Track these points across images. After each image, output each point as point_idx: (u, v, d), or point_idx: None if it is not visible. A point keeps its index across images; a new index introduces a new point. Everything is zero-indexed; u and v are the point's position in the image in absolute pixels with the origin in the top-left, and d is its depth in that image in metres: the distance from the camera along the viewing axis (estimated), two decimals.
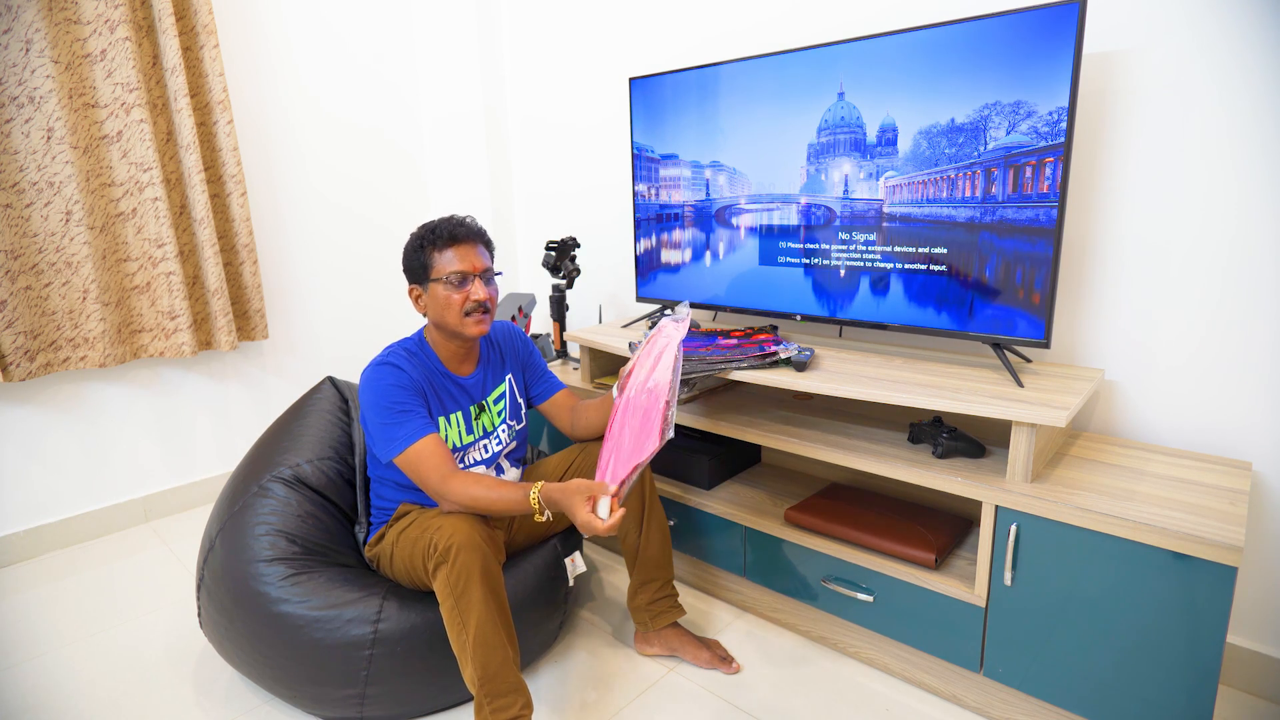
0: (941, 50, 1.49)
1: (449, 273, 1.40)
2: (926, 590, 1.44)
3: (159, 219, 2.19)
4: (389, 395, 1.39)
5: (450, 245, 1.41)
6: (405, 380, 1.41)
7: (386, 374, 1.41)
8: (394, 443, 1.36)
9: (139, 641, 1.73)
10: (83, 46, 2.05)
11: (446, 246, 1.41)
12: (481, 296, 1.42)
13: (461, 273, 1.41)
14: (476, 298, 1.42)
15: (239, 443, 2.58)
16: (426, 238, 1.43)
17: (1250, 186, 1.37)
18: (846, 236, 1.72)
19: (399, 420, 1.37)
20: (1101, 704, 1.26)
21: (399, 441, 1.36)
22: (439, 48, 2.86)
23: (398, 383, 1.40)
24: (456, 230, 1.42)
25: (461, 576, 1.24)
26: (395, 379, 1.41)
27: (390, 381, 1.40)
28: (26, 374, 2.03)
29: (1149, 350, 1.53)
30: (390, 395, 1.39)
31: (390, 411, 1.38)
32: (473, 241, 1.44)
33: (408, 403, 1.39)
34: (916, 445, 1.57)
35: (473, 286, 1.42)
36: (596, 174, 2.65)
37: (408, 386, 1.41)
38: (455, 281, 1.41)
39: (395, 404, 1.38)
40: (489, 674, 1.25)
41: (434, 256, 1.42)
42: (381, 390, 1.39)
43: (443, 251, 1.41)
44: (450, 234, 1.42)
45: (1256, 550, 1.44)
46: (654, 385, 1.37)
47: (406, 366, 1.44)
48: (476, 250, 1.44)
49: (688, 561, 1.90)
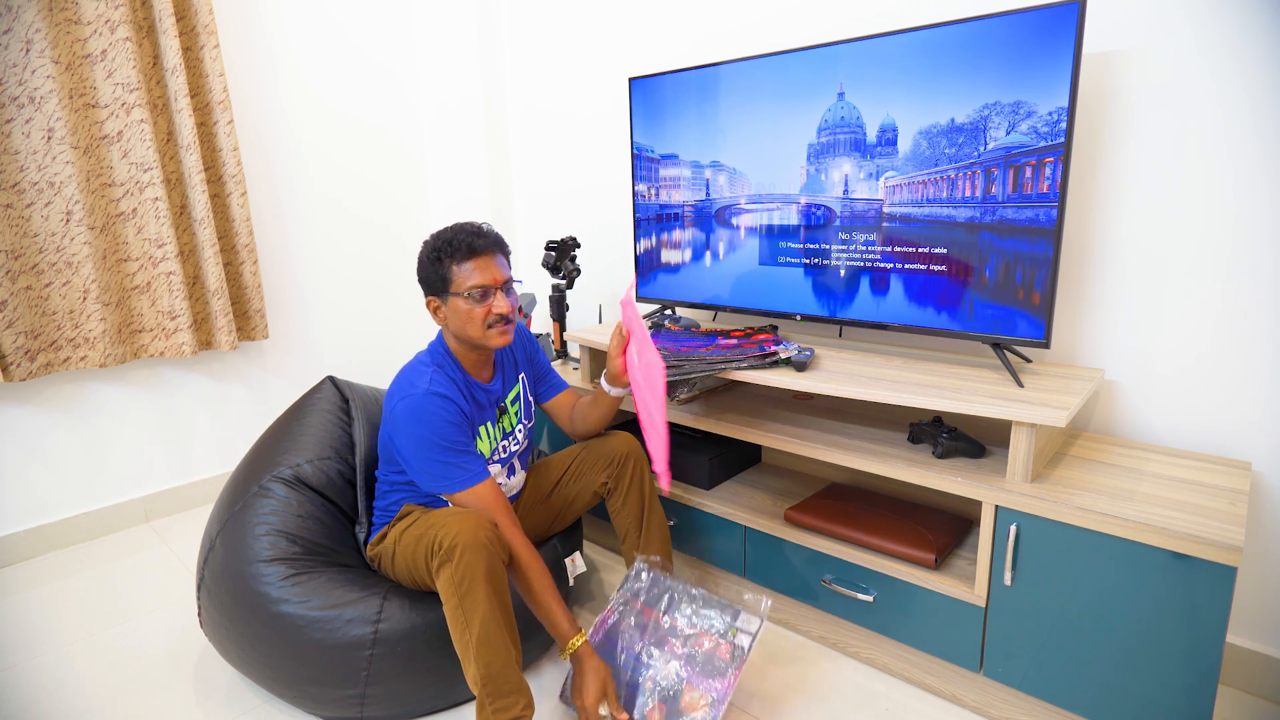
0: (941, 50, 1.50)
1: (469, 287, 1.36)
2: (926, 590, 1.44)
3: (159, 219, 2.19)
4: (447, 436, 1.35)
5: (469, 258, 1.36)
6: (457, 416, 1.37)
7: (441, 408, 1.35)
8: (451, 482, 1.35)
9: (139, 641, 1.73)
10: (83, 47, 2.05)
11: (465, 259, 1.36)
12: (504, 310, 1.38)
13: (483, 287, 1.37)
14: (499, 311, 1.38)
15: (239, 443, 2.58)
16: (444, 250, 1.38)
17: (1250, 185, 1.38)
18: (846, 236, 1.72)
19: (458, 461, 1.35)
20: (1101, 704, 1.26)
21: (457, 483, 1.35)
22: (439, 47, 2.86)
23: (452, 420, 1.36)
24: (475, 241, 1.37)
25: (466, 576, 1.24)
26: (449, 415, 1.36)
27: (447, 419, 1.35)
28: (27, 374, 2.03)
29: (1149, 350, 1.53)
30: (448, 435, 1.35)
31: (450, 451, 1.35)
32: (491, 252, 1.39)
33: (466, 443, 1.37)
34: (916, 445, 1.57)
35: (495, 300, 1.38)
36: (596, 174, 2.65)
37: (461, 424, 1.37)
38: (476, 296, 1.37)
39: (455, 444, 1.35)
40: (491, 674, 1.24)
41: (452, 269, 1.37)
42: (440, 430, 1.35)
43: (461, 264, 1.37)
44: (469, 246, 1.37)
45: (1256, 550, 1.45)
46: (650, 358, 1.44)
47: (452, 394, 1.38)
48: (496, 261, 1.39)
49: (688, 561, 1.90)
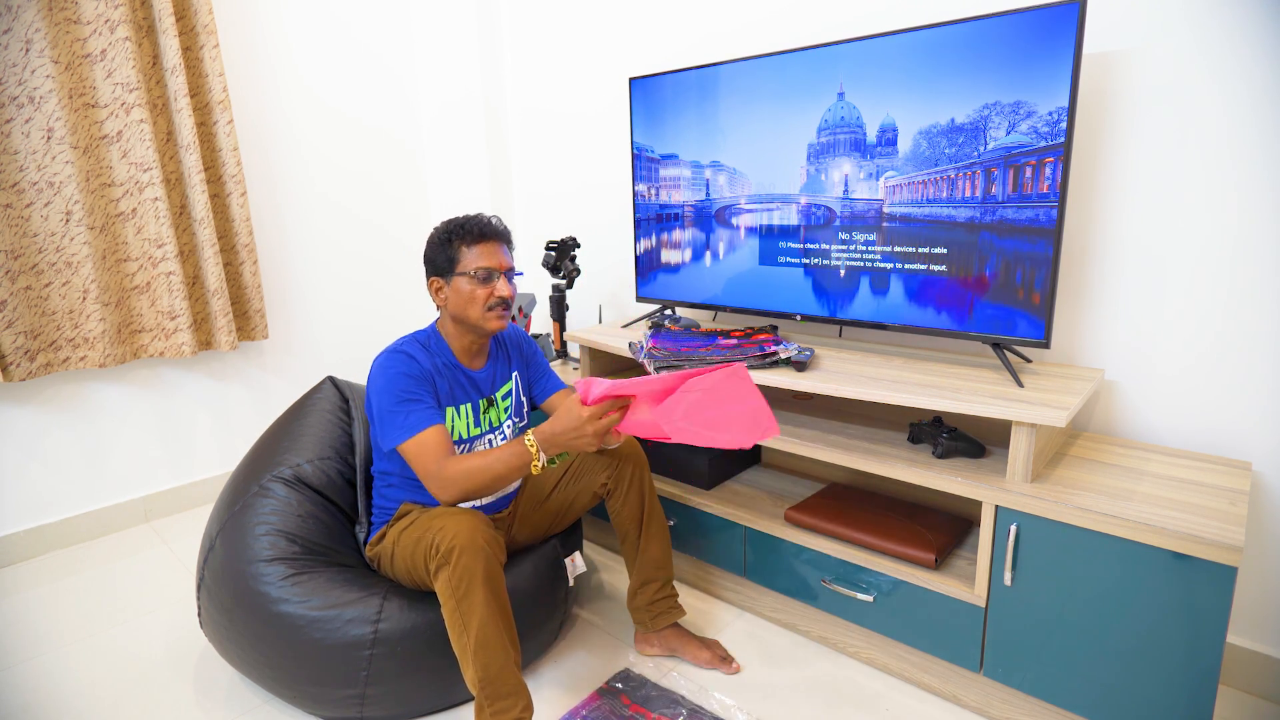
0: (941, 50, 1.49)
1: (476, 267, 1.43)
2: (926, 590, 1.44)
3: (159, 219, 2.19)
4: (398, 383, 1.40)
5: (479, 241, 1.45)
6: (415, 369, 1.43)
7: (398, 361, 1.42)
8: (399, 430, 1.37)
9: (139, 641, 1.73)
10: (83, 46, 2.05)
11: (475, 242, 1.44)
12: (505, 293, 1.45)
13: (488, 268, 1.44)
14: (501, 294, 1.45)
15: (239, 443, 2.58)
16: (455, 232, 1.45)
17: (1250, 185, 1.37)
18: (846, 236, 1.71)
19: (406, 409, 1.38)
20: (1101, 704, 1.26)
21: (405, 429, 1.37)
22: (439, 46, 2.86)
23: (408, 371, 1.42)
24: (485, 228, 1.46)
25: (464, 578, 1.24)
26: (406, 367, 1.42)
27: (401, 369, 1.41)
28: (26, 374, 2.03)
29: (1149, 350, 1.53)
30: (400, 383, 1.40)
31: (399, 399, 1.39)
32: (499, 240, 1.48)
33: (417, 391, 1.41)
34: (916, 445, 1.57)
35: (498, 283, 1.45)
36: (596, 174, 2.65)
37: (418, 375, 1.42)
38: (481, 277, 1.43)
39: (404, 392, 1.40)
40: (490, 676, 1.25)
41: (462, 251, 1.44)
42: (392, 377, 1.40)
43: (471, 247, 1.44)
44: (480, 231, 1.45)
45: (1256, 550, 1.45)
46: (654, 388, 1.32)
47: (419, 355, 1.45)
48: (502, 249, 1.48)
49: (688, 561, 1.90)
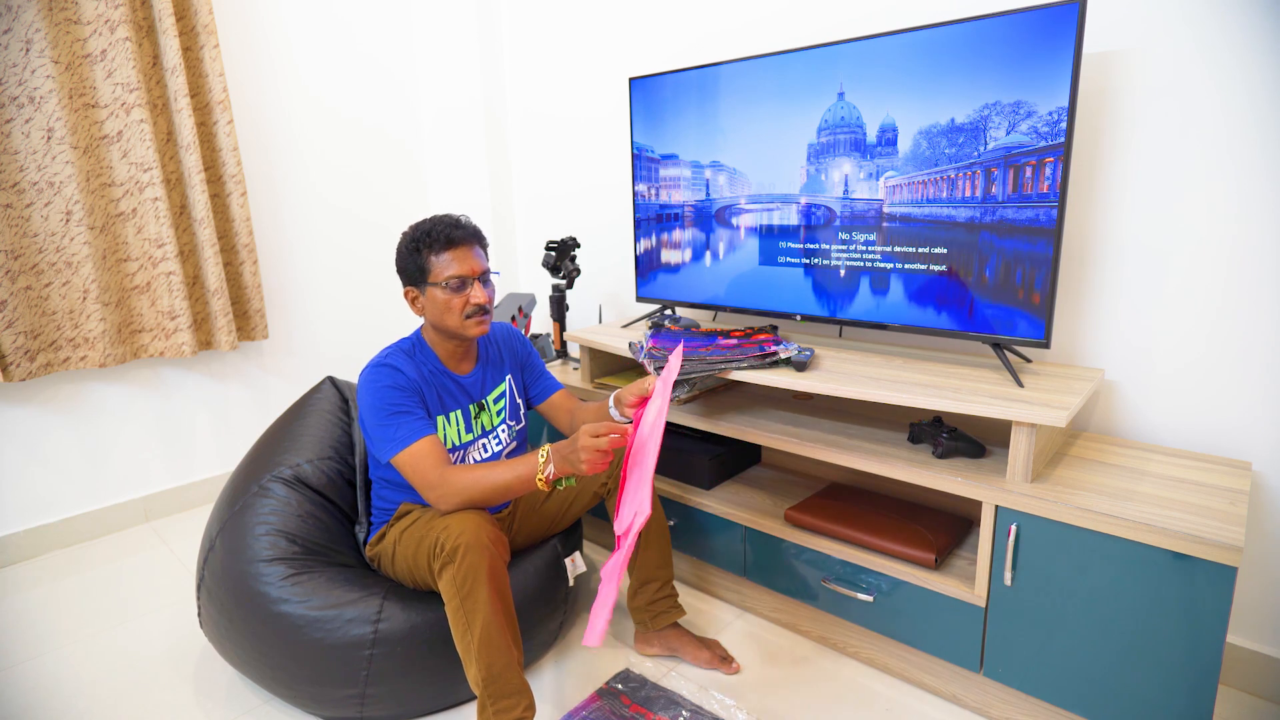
0: (941, 50, 1.49)
1: (447, 277, 1.39)
2: (926, 590, 1.44)
3: (159, 219, 2.19)
4: (385, 396, 1.38)
5: (447, 248, 1.39)
6: (402, 380, 1.40)
7: (383, 375, 1.40)
8: (392, 443, 1.36)
9: (139, 641, 1.73)
10: (83, 46, 2.05)
11: (443, 250, 1.39)
12: (481, 300, 1.41)
13: (460, 277, 1.39)
14: (476, 301, 1.41)
15: (239, 443, 2.58)
16: (422, 240, 1.40)
17: (1250, 185, 1.37)
18: (846, 236, 1.71)
19: (396, 421, 1.37)
20: (1101, 704, 1.26)
21: (397, 442, 1.36)
22: (439, 47, 2.86)
23: (394, 384, 1.39)
24: (453, 233, 1.40)
25: (468, 577, 1.24)
26: (392, 380, 1.40)
27: (387, 383, 1.39)
28: (26, 374, 2.03)
29: (1149, 350, 1.53)
30: (387, 396, 1.38)
31: (387, 413, 1.37)
32: (469, 243, 1.42)
33: (405, 403, 1.39)
34: (916, 445, 1.57)
35: (472, 290, 1.41)
36: (596, 174, 2.65)
37: (404, 387, 1.40)
38: (454, 286, 1.39)
39: (392, 404, 1.38)
40: (493, 675, 1.24)
41: (430, 260, 1.40)
42: (378, 391, 1.39)
43: (440, 254, 1.39)
44: (447, 237, 1.39)
45: (1256, 550, 1.45)
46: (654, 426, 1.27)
47: (404, 366, 1.43)
48: (473, 252, 1.42)
49: (688, 561, 1.90)
